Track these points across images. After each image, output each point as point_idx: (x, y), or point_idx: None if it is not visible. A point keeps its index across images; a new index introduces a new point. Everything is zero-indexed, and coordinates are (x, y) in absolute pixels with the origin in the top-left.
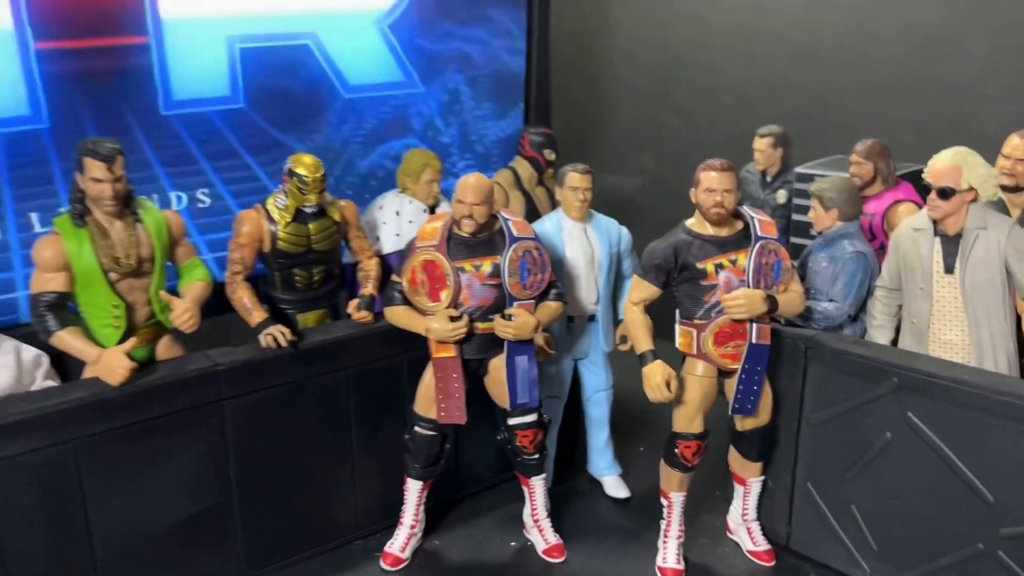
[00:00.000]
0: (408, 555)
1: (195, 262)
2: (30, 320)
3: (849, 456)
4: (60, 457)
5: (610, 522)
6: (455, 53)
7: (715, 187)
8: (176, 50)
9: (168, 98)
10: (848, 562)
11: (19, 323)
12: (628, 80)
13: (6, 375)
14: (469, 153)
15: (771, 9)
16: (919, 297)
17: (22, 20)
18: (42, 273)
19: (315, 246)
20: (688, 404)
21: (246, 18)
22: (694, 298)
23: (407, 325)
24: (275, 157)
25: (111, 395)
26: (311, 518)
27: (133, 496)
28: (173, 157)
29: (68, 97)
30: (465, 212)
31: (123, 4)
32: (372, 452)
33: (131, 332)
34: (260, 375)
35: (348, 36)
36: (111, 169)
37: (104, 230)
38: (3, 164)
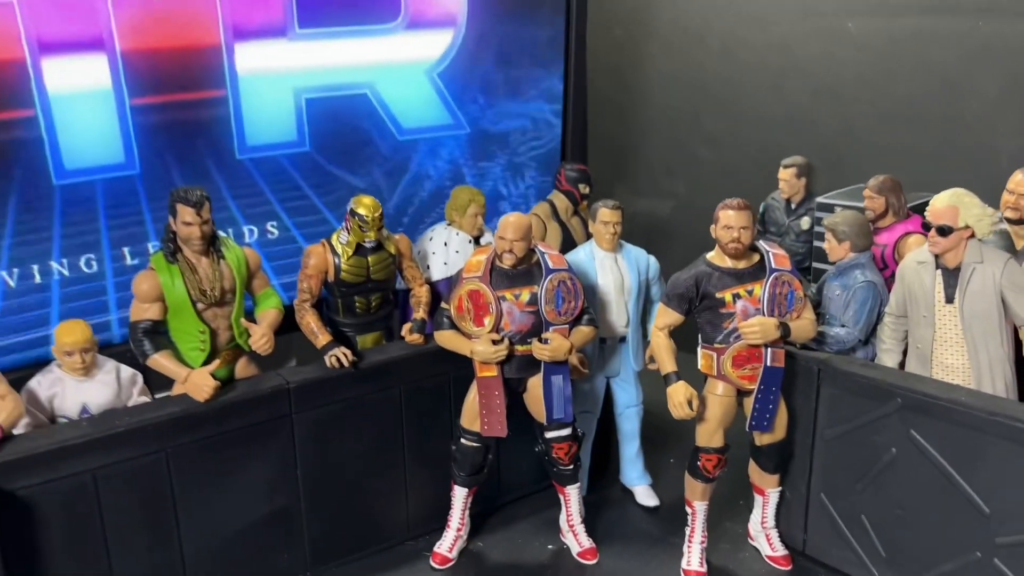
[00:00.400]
0: (455, 555)
1: (269, 292)
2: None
3: (859, 469)
4: (155, 464)
5: (640, 528)
6: (498, 94)
7: (732, 224)
8: (250, 101)
9: (242, 144)
10: (859, 567)
11: (111, 344)
12: (661, 112)
13: (108, 392)
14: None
15: (796, 47)
16: (923, 324)
17: (120, 80)
18: (140, 303)
19: (373, 276)
20: (709, 421)
21: (311, 72)
22: (714, 324)
23: (454, 347)
24: (335, 194)
25: (198, 410)
26: (368, 520)
27: (215, 498)
28: (246, 195)
29: (156, 145)
30: (506, 247)
31: (205, 62)
32: (422, 462)
33: (214, 354)
34: (325, 392)
35: (401, 85)
36: (200, 214)
37: (193, 266)
38: (101, 205)
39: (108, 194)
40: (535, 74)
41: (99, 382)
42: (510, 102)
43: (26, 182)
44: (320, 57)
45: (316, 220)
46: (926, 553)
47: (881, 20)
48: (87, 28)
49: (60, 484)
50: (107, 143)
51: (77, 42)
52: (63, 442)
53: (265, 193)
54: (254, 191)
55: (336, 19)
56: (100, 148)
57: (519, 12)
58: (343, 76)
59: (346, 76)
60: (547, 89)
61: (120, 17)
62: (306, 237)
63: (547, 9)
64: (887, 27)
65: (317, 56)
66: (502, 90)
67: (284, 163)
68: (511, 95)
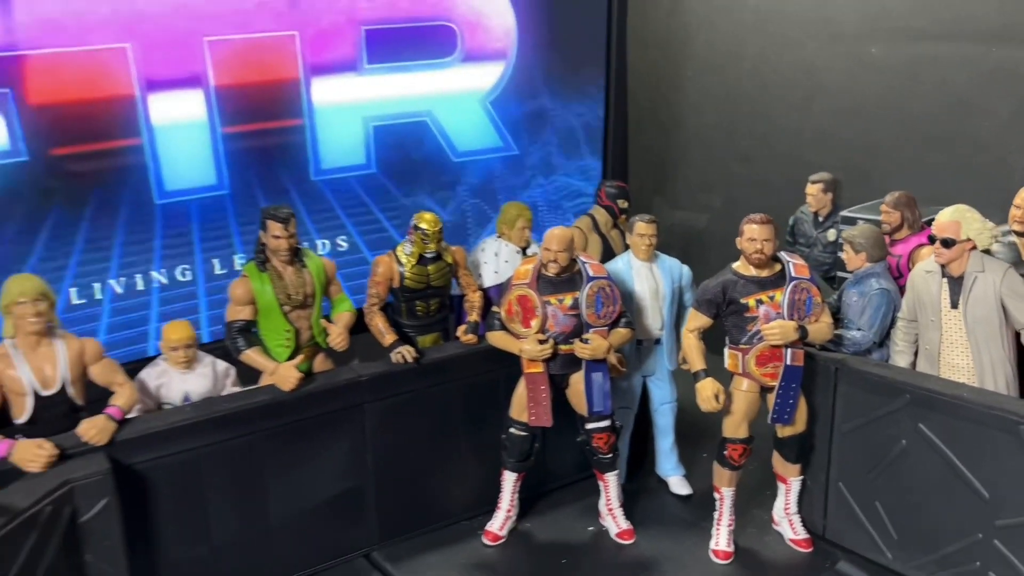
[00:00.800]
0: (505, 534)
1: (343, 296)
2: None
3: (873, 460)
4: (248, 444)
5: (674, 514)
6: (544, 119)
7: (756, 237)
8: (324, 129)
9: (317, 167)
10: (874, 549)
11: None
12: (697, 130)
13: (206, 382)
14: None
15: (823, 70)
16: (930, 328)
17: (213, 111)
18: (235, 305)
19: (433, 283)
20: (735, 414)
21: (378, 102)
22: (739, 327)
23: (505, 346)
24: (397, 210)
25: (284, 398)
26: (428, 501)
27: (297, 476)
28: (319, 212)
29: (243, 168)
30: (551, 257)
31: (286, 95)
32: (476, 449)
33: (297, 350)
34: (392, 385)
35: (457, 112)
36: (287, 228)
37: (280, 274)
38: (195, 222)
39: (201, 212)
40: (577, 98)
41: (199, 374)
42: (554, 125)
43: (133, 202)
44: (386, 88)
45: (380, 234)
46: (933, 535)
47: (902, 45)
48: (187, 68)
49: (169, 460)
50: (201, 167)
51: (179, 80)
52: (172, 424)
53: (336, 211)
54: (326, 209)
55: (400, 55)
56: (195, 171)
57: (563, 41)
58: (406, 105)
59: (408, 105)
60: (588, 112)
61: (215, 57)
62: (371, 250)
63: (589, 37)
64: (907, 52)
65: (383, 88)
66: (547, 114)
67: (353, 184)
68: (555, 118)
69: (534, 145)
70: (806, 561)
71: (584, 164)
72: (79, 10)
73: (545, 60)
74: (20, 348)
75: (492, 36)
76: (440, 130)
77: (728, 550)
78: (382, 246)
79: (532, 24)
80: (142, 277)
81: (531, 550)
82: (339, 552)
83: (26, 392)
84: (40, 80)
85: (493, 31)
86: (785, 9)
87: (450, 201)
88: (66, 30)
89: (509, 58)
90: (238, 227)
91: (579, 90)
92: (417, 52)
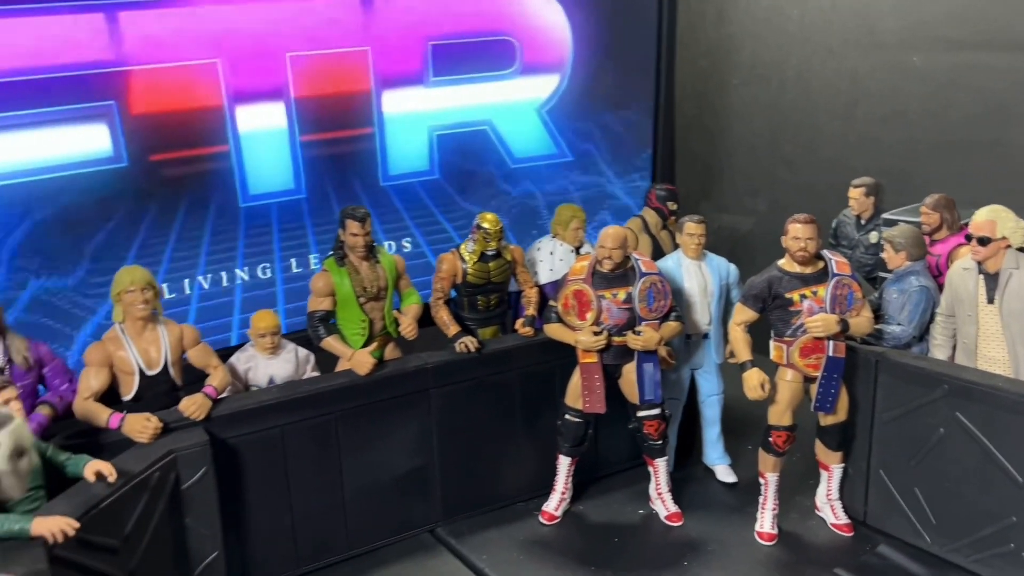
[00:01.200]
0: (560, 514)
1: (412, 290)
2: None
3: (912, 448)
4: (327, 423)
5: (720, 500)
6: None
7: (800, 236)
8: (392, 137)
9: (385, 173)
10: (913, 534)
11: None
12: (743, 136)
13: (289, 367)
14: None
15: (865, 78)
16: (968, 322)
17: (293, 121)
18: (316, 297)
19: (493, 279)
20: (779, 403)
21: (441, 112)
22: (784, 321)
23: (561, 337)
24: (458, 213)
25: (360, 382)
26: (488, 482)
27: (370, 454)
28: (386, 215)
29: (318, 174)
30: (605, 255)
31: (358, 106)
32: (533, 434)
33: (371, 339)
34: (456, 372)
35: (515, 121)
36: (364, 227)
37: (356, 268)
38: (275, 223)
39: (281, 214)
40: (628, 105)
41: (282, 359)
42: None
43: (220, 205)
44: (449, 99)
45: (441, 235)
46: (970, 519)
47: (942, 54)
48: (271, 81)
49: (258, 436)
50: (281, 172)
51: (263, 92)
52: (261, 403)
53: (401, 214)
54: (393, 212)
55: (463, 68)
56: (276, 176)
57: (616, 52)
58: (467, 115)
59: (470, 115)
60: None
61: (295, 71)
62: (433, 251)
63: (640, 48)
64: (947, 60)
65: (446, 99)
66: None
67: (418, 188)
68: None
69: (587, 151)
70: (847, 544)
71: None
72: (175, 29)
73: (598, 70)
74: (128, 332)
75: (549, 49)
76: (499, 138)
77: (772, 532)
78: (443, 246)
79: (587, 36)
80: (226, 274)
81: (584, 530)
82: (407, 527)
83: (133, 372)
84: (141, 92)
85: (550, 44)
86: (828, 20)
87: (508, 204)
88: (163, 47)
89: (565, 69)
90: (313, 228)
91: (629, 98)
92: (479, 65)
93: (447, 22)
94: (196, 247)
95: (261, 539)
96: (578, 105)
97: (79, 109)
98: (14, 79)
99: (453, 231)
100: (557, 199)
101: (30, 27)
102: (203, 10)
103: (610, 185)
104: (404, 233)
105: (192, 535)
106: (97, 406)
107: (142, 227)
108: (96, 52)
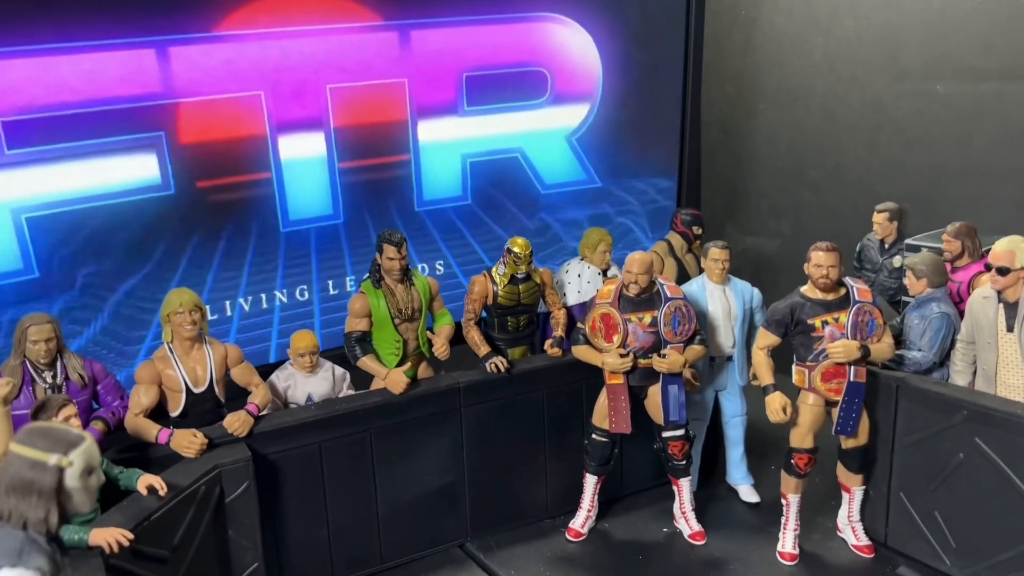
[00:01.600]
0: (586, 531)
1: (445, 311)
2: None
3: (931, 471)
4: (362, 440)
5: (743, 519)
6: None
7: (822, 263)
8: (427, 164)
9: (420, 198)
10: (933, 556)
11: None
12: (769, 160)
13: (326, 385)
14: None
15: (890, 106)
16: (987, 349)
17: (332, 149)
18: (353, 318)
19: (523, 301)
20: (801, 426)
21: (474, 139)
22: (806, 346)
23: (588, 359)
24: (489, 236)
25: (394, 400)
26: (516, 498)
27: (402, 469)
28: (420, 239)
29: (356, 200)
30: (632, 279)
31: (394, 134)
32: (560, 453)
33: (405, 358)
34: (486, 391)
35: (546, 149)
36: (400, 251)
37: (392, 290)
38: (314, 248)
39: (319, 239)
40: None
41: (320, 378)
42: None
43: (262, 229)
44: (482, 128)
45: (473, 258)
46: (988, 543)
47: (966, 83)
48: (312, 112)
49: (296, 452)
50: (321, 198)
51: (304, 122)
52: (300, 420)
53: (435, 238)
54: (427, 236)
55: (496, 98)
56: (316, 202)
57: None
58: (499, 142)
59: (502, 142)
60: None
61: (335, 102)
62: (465, 273)
63: (668, 74)
64: (971, 89)
65: (480, 127)
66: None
67: (451, 214)
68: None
69: (614, 176)
70: (868, 565)
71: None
72: (222, 63)
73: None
74: (176, 352)
75: (580, 79)
76: (529, 165)
77: (793, 552)
78: (475, 269)
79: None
80: (266, 296)
81: (610, 547)
82: (437, 541)
83: (181, 389)
84: (188, 123)
85: (581, 74)
86: (854, 49)
87: (538, 228)
88: (210, 80)
89: (595, 98)
90: (350, 252)
91: (657, 123)
92: (511, 95)
93: (481, 54)
94: (238, 270)
95: (298, 551)
96: (607, 133)
97: (130, 140)
98: (71, 112)
99: (484, 254)
100: (585, 223)
101: (86, 63)
102: (248, 45)
103: (636, 209)
104: (437, 256)
105: (234, 546)
106: (147, 422)
107: (187, 252)
108: (147, 86)
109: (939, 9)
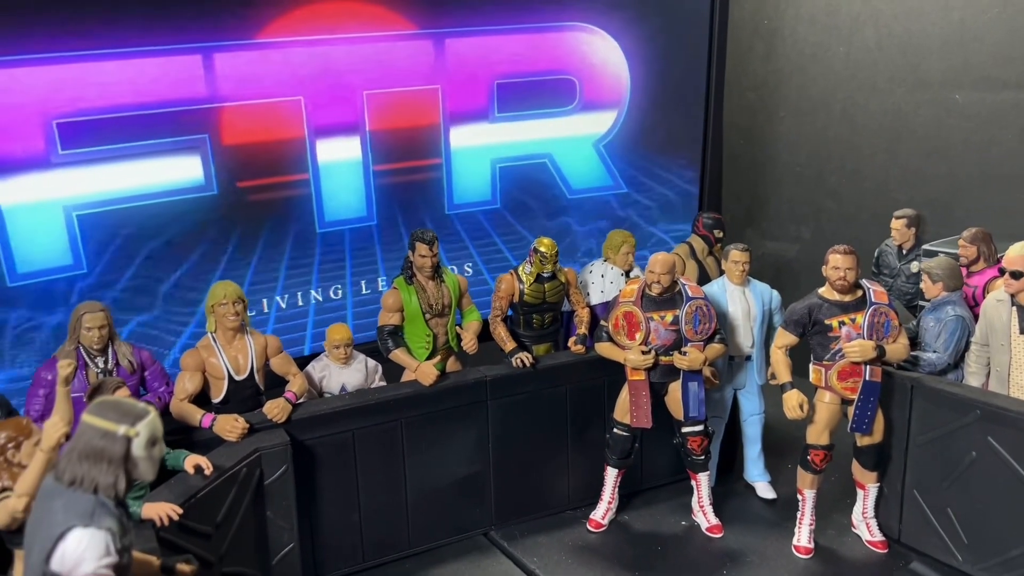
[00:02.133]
0: (606, 523)
1: (473, 308)
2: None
3: (945, 469)
4: (393, 428)
5: (759, 515)
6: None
7: (840, 266)
8: (458, 169)
9: (451, 201)
10: (946, 553)
11: None
12: (789, 167)
13: (360, 376)
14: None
15: (909, 114)
16: (1001, 351)
17: (367, 152)
18: (386, 312)
19: (548, 299)
20: (817, 423)
21: (504, 145)
22: (823, 346)
23: (611, 355)
24: (516, 239)
25: (424, 392)
26: (539, 489)
27: (431, 458)
28: (450, 241)
29: (389, 202)
30: (654, 279)
31: (427, 139)
32: (582, 446)
33: (434, 352)
34: (511, 385)
35: (573, 154)
36: (431, 249)
37: (423, 287)
38: (348, 248)
39: (353, 239)
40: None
41: (354, 369)
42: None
43: (299, 230)
44: (511, 134)
45: (500, 260)
46: (1000, 539)
47: (985, 92)
48: (348, 116)
49: (331, 438)
50: (355, 200)
51: (341, 126)
52: (335, 409)
53: (464, 240)
54: (457, 238)
55: (526, 105)
56: (350, 204)
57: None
58: (528, 148)
59: (530, 148)
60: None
61: (371, 107)
62: (492, 275)
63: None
64: (990, 98)
65: (509, 133)
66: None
67: (480, 217)
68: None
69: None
70: (881, 560)
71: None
72: (263, 69)
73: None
74: (219, 341)
75: (608, 86)
76: (557, 170)
77: (809, 546)
78: (501, 268)
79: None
80: (301, 294)
81: (630, 538)
82: (463, 529)
83: (223, 377)
84: (231, 126)
85: (609, 82)
86: (874, 58)
87: (563, 230)
88: (253, 85)
89: (622, 105)
90: (382, 253)
91: (680, 130)
92: (541, 102)
93: (512, 62)
94: (276, 268)
95: (331, 533)
96: (633, 139)
97: (176, 142)
98: (120, 115)
99: (511, 256)
100: (610, 226)
101: (134, 68)
102: (289, 52)
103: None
104: (466, 258)
105: (272, 527)
106: (191, 407)
107: (227, 250)
108: (193, 90)
109: (959, 20)
